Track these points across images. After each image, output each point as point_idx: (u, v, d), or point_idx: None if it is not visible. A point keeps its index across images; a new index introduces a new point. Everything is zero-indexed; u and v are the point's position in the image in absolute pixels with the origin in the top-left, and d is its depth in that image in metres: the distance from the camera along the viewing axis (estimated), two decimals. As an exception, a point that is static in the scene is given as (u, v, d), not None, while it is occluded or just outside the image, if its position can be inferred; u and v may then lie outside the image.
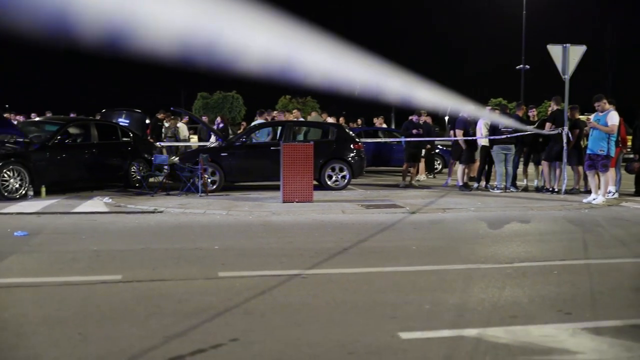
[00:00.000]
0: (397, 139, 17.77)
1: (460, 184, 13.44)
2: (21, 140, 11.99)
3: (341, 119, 19.38)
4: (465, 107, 13.42)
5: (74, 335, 4.02)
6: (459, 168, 13.67)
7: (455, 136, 13.89)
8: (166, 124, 18.01)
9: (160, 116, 18.25)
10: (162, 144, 16.87)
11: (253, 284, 5.34)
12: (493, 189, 13.17)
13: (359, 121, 21.42)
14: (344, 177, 13.29)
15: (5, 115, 15.01)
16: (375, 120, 21.13)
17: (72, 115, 19.41)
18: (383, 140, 19.05)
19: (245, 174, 13.17)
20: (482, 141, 13.37)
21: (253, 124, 16.48)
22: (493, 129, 13.05)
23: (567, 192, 12.47)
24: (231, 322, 4.31)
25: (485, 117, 13.32)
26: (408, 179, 14.64)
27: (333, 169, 13.26)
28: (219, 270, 5.83)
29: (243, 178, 13.33)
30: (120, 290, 5.18)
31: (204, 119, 20.24)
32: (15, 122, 14.85)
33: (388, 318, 4.44)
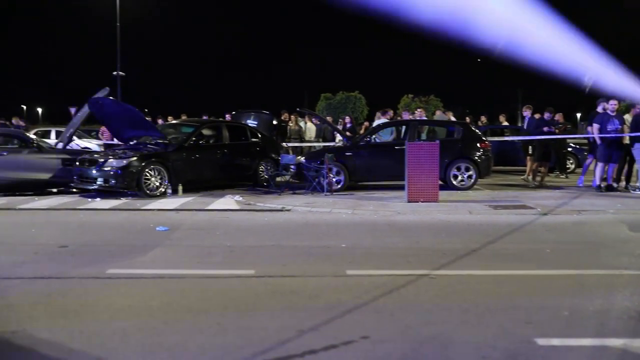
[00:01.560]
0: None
1: (597, 183, 12.61)
2: (161, 141, 12.86)
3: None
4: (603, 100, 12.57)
5: (213, 325, 4.25)
6: (597, 167, 12.81)
7: (592, 132, 13.05)
8: (290, 124, 18.50)
9: (283, 117, 18.77)
10: (289, 144, 17.35)
11: (381, 282, 5.36)
12: (634, 190, 12.25)
13: (483, 118, 20.83)
14: (470, 176, 12.95)
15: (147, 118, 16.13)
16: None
17: (204, 117, 20.49)
18: (511, 138, 18.34)
19: (370, 174, 13.22)
20: (623, 138, 12.46)
21: (376, 123, 16.52)
22: (636, 125, 12.11)
23: None
24: (361, 320, 4.36)
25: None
26: (539, 178, 14.01)
27: (459, 169, 12.96)
28: (347, 268, 5.90)
29: (367, 177, 13.40)
30: (254, 284, 5.41)
31: (329, 119, 20.57)
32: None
33: (523, 323, 4.28)
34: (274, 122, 16.47)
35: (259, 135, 14.53)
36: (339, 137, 16.31)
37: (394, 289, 5.15)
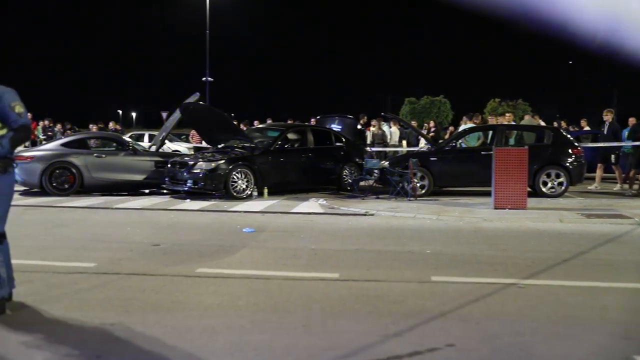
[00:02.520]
0: (621, 144, 16.16)
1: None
2: (248, 145, 13.19)
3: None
4: None
5: (298, 326, 4.31)
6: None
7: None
8: (372, 129, 18.46)
9: (361, 121, 18.75)
10: (373, 148, 17.32)
11: (467, 290, 5.26)
12: None
13: (563, 123, 20.02)
14: (560, 183, 12.47)
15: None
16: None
17: (289, 121, 20.84)
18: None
19: (455, 179, 13.00)
20: None
21: (462, 127, 16.23)
22: None
23: None
24: (446, 327, 4.29)
25: None
26: (636, 187, 13.29)
27: (548, 175, 12.51)
28: (432, 274, 5.83)
29: (452, 183, 13.19)
30: (338, 288, 5.44)
31: (413, 123, 20.41)
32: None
33: (620, 339, 4.07)
34: (359, 127, 16.51)
35: (343, 140, 14.61)
36: (423, 141, 16.15)
37: (480, 297, 5.04)
